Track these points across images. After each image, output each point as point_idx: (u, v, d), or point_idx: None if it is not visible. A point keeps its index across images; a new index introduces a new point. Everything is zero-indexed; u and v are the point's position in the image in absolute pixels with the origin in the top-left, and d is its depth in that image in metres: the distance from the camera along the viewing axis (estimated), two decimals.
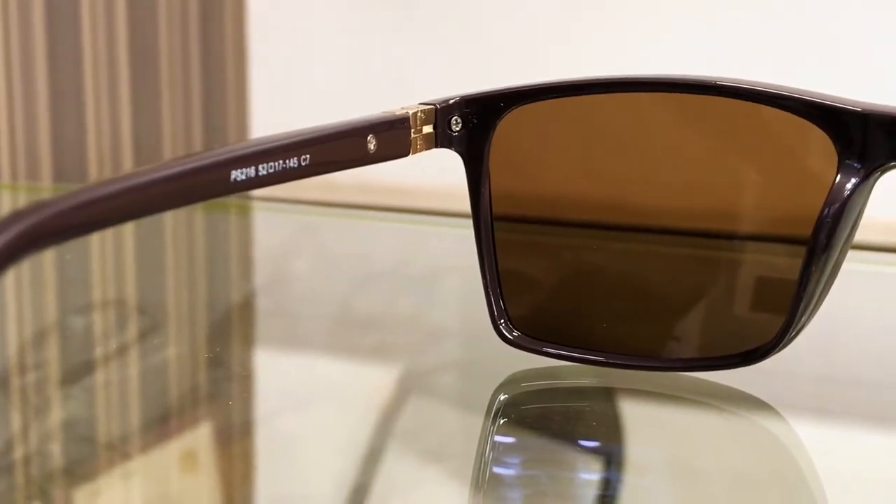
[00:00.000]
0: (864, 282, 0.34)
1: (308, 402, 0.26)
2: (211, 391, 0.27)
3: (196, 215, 0.45)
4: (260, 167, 0.21)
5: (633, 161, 0.25)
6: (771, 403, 0.24)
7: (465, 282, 0.26)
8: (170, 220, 0.43)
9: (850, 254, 0.24)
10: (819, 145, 0.23)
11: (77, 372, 0.28)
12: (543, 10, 0.45)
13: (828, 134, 0.23)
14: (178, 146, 0.52)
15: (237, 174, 0.20)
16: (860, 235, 0.24)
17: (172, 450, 0.24)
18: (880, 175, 0.23)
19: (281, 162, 0.21)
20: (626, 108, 0.25)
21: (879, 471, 0.23)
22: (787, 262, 0.23)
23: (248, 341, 0.32)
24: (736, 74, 0.24)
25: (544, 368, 0.26)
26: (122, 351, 0.30)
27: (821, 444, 0.24)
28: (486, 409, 0.25)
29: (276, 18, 0.50)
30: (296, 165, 0.22)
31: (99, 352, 0.30)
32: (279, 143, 0.21)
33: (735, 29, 0.43)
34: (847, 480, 0.22)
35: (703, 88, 0.24)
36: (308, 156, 0.22)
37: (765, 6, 0.42)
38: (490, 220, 0.26)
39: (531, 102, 0.25)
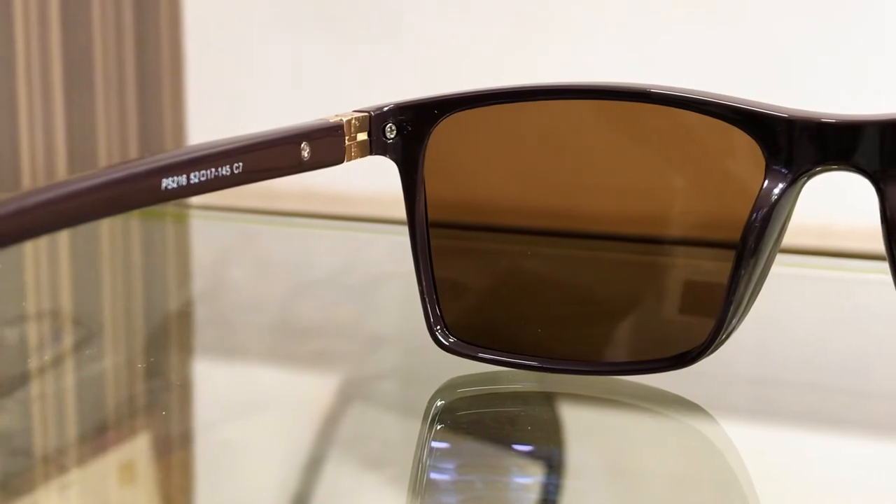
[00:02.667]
0: (793, 285, 0.34)
1: (248, 411, 0.26)
2: (149, 401, 0.27)
3: (133, 224, 0.45)
4: (191, 175, 0.21)
5: (566, 168, 0.26)
6: (703, 406, 0.25)
7: (404, 288, 0.26)
8: (106, 228, 0.43)
9: (779, 257, 0.25)
10: (748, 151, 0.23)
11: (10, 384, 0.28)
12: (482, 18, 0.45)
13: (756, 140, 0.23)
14: (114, 154, 0.51)
15: (168, 182, 0.20)
16: (788, 239, 0.24)
17: (110, 461, 0.23)
18: (807, 180, 0.23)
19: (213, 170, 0.21)
20: (559, 115, 0.25)
21: (810, 470, 0.23)
22: (717, 267, 0.24)
23: (186, 350, 0.32)
24: (670, 82, 0.24)
25: (484, 374, 0.26)
26: (56, 362, 0.29)
27: (752, 445, 0.24)
28: (423, 415, 0.25)
29: (213, 24, 0.50)
30: (228, 173, 0.21)
31: (33, 363, 0.30)
32: (211, 150, 0.21)
33: (674, 42, 0.44)
34: (778, 481, 0.22)
35: (635, 96, 0.24)
36: (241, 164, 0.22)
37: (705, 19, 0.43)
38: (425, 227, 0.26)
39: (465, 110, 0.25)
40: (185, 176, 0.21)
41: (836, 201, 0.31)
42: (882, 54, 0.40)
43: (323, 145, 0.24)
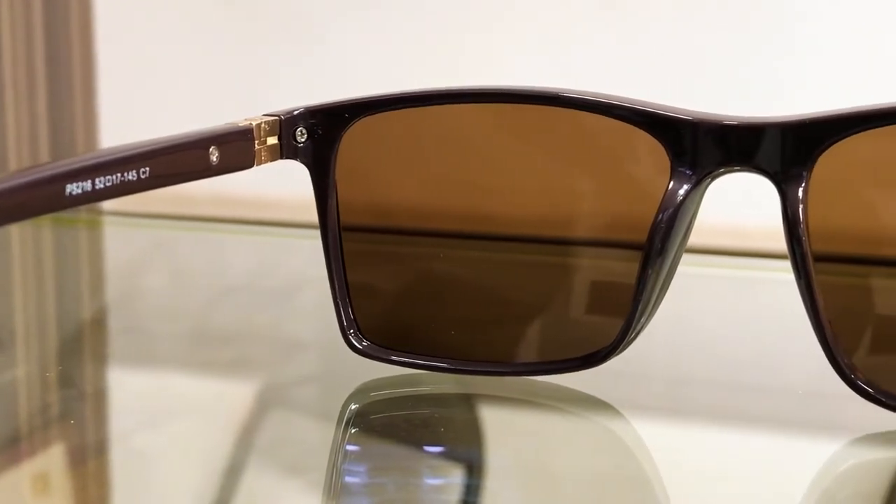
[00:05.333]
0: (699, 284, 0.35)
1: (163, 419, 0.25)
2: (62, 411, 0.27)
3: (45, 231, 0.44)
4: (96, 181, 0.20)
5: (477, 171, 0.26)
6: (615, 405, 0.25)
7: (322, 293, 0.26)
8: (17, 235, 0.42)
9: (690, 257, 0.25)
10: (653, 153, 0.24)
11: None
12: (397, 21, 0.45)
13: (661, 142, 0.24)
14: (24, 159, 0.50)
15: (72, 188, 0.20)
16: (700, 239, 0.25)
17: (23, 472, 0.23)
18: (711, 181, 0.24)
19: (119, 175, 0.21)
20: (470, 118, 0.26)
21: (721, 466, 0.23)
22: (625, 267, 0.24)
23: (99, 359, 0.31)
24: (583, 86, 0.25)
25: (402, 376, 0.26)
26: None
27: (663, 442, 0.24)
28: (337, 419, 0.25)
29: (124, 27, 0.49)
30: (135, 178, 0.21)
31: None
32: (116, 156, 0.21)
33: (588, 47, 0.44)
34: (689, 477, 0.23)
35: (545, 99, 0.25)
36: (148, 168, 0.22)
37: (618, 28, 0.44)
38: (338, 231, 0.26)
39: (376, 113, 0.25)
40: (89, 181, 0.20)
41: (745, 201, 0.31)
42: (794, 55, 0.41)
43: (232, 149, 0.24)
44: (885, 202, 0.23)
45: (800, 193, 0.23)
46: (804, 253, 0.22)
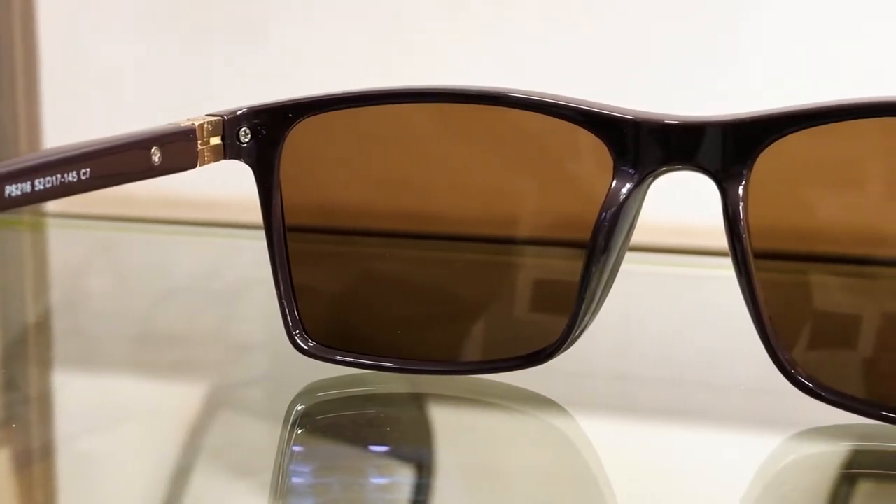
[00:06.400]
0: (642, 282, 0.35)
1: (110, 422, 0.25)
2: (5, 415, 0.26)
3: None
4: (36, 182, 0.20)
5: (422, 170, 0.26)
6: (561, 403, 0.25)
7: (269, 293, 0.26)
8: None
9: (631, 255, 0.25)
10: (596, 152, 0.24)
11: None
12: (346, 22, 0.45)
13: (604, 141, 0.24)
14: None
15: (12, 189, 0.20)
16: (646, 238, 0.25)
17: None
18: (653, 180, 0.24)
19: (59, 176, 0.21)
20: (414, 118, 0.26)
21: (668, 464, 0.24)
22: (569, 266, 0.24)
23: (44, 362, 0.31)
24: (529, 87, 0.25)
25: (348, 376, 0.26)
26: None
27: (609, 440, 0.24)
28: (283, 420, 0.25)
29: (67, 26, 0.48)
30: (75, 179, 0.21)
31: None
32: (56, 156, 0.21)
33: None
34: (636, 475, 0.23)
35: (489, 99, 0.25)
36: (88, 169, 0.21)
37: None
38: (283, 231, 0.26)
39: (320, 113, 0.25)
40: (29, 183, 0.20)
41: (691, 200, 0.32)
42: (737, 57, 0.42)
43: (174, 150, 0.24)
44: (823, 199, 0.24)
45: (740, 191, 0.23)
46: (744, 250, 0.23)
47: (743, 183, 0.23)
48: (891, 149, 0.23)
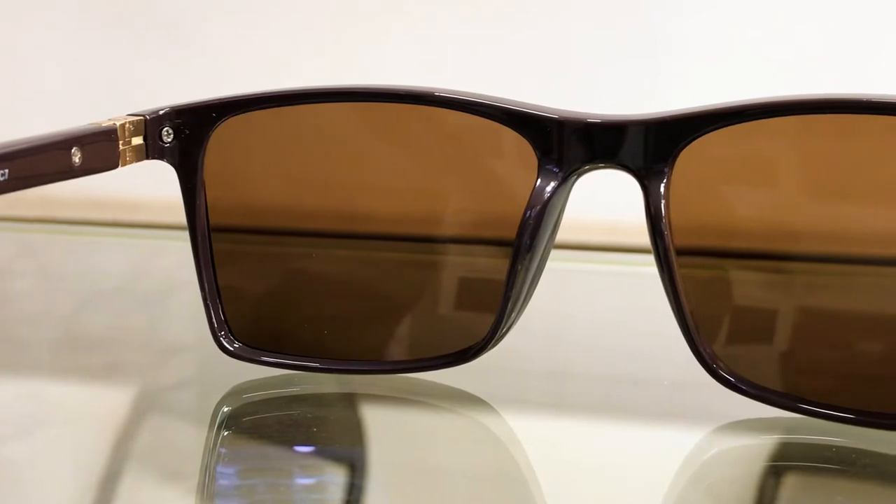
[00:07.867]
0: (568, 279, 0.35)
1: (35, 427, 0.25)
2: None
3: None
4: None
5: (347, 170, 0.26)
6: (489, 401, 0.25)
7: (196, 295, 0.26)
8: None
9: (558, 253, 0.25)
10: (521, 151, 0.24)
11: None
12: (274, 22, 0.45)
13: (528, 140, 0.24)
14: None
15: None
16: (576, 236, 0.25)
17: None
18: (577, 178, 0.24)
19: None
20: (339, 117, 0.25)
21: (597, 459, 0.24)
22: (495, 264, 0.24)
23: None
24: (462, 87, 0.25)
25: (277, 377, 0.26)
26: None
27: (538, 436, 0.25)
28: (210, 422, 0.25)
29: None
30: None
31: None
32: None
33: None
34: (565, 471, 0.23)
35: (414, 98, 0.25)
36: (6, 170, 0.21)
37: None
38: (207, 232, 0.25)
39: (244, 112, 0.25)
40: None
41: (624, 199, 0.32)
42: (670, 54, 0.42)
43: (95, 150, 0.23)
44: (742, 196, 0.24)
45: (661, 189, 0.23)
46: (666, 247, 0.23)
47: (665, 181, 0.23)
48: (807, 146, 0.23)
